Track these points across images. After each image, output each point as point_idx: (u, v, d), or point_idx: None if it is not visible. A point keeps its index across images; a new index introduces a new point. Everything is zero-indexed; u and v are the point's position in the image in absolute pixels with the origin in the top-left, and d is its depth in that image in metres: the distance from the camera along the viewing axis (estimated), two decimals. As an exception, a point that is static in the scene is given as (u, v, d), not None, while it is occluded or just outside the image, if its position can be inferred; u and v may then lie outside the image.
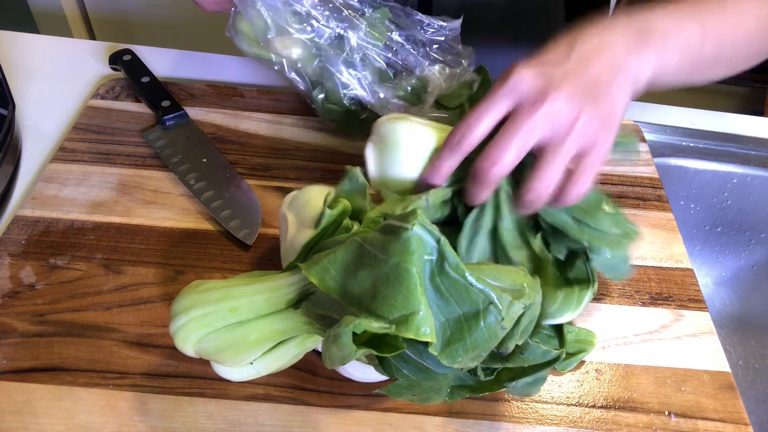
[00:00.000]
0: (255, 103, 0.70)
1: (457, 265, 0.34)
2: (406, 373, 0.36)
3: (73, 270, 0.53)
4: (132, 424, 0.44)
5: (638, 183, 0.65)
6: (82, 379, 0.46)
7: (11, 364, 0.46)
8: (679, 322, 0.53)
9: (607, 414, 0.47)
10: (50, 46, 0.78)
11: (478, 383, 0.41)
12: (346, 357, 0.33)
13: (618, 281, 0.55)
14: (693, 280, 0.56)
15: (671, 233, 0.60)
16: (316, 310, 0.38)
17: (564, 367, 0.49)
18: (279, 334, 0.40)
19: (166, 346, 0.48)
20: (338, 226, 0.40)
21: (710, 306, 0.80)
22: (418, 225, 0.33)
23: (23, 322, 0.49)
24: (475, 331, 0.33)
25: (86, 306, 0.50)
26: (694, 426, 0.47)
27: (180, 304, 0.40)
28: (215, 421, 0.44)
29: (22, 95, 0.70)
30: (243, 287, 0.40)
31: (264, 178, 0.62)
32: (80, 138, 0.64)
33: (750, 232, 0.77)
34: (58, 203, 0.58)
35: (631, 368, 0.50)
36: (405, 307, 0.32)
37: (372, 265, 0.34)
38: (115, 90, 0.70)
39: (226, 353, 0.40)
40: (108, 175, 0.61)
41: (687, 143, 0.73)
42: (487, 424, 0.46)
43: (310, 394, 0.46)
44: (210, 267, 0.54)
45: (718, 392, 0.49)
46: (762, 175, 0.72)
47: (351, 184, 0.43)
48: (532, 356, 0.39)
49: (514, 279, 0.37)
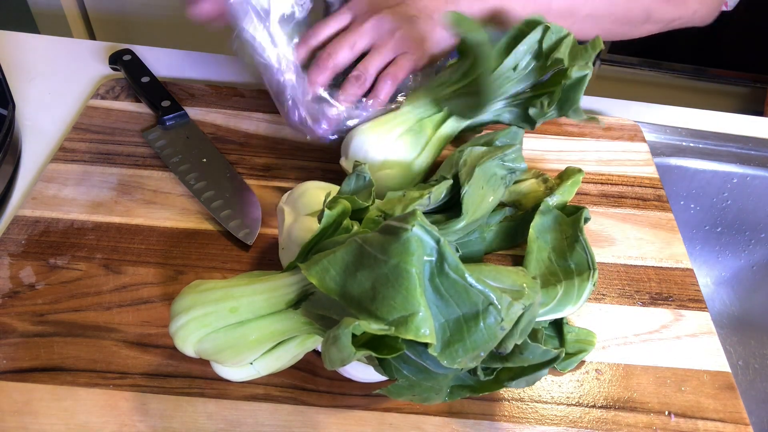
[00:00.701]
0: (255, 103, 0.70)
1: (457, 266, 0.34)
2: (406, 373, 0.36)
3: (73, 270, 0.53)
4: (132, 424, 0.44)
5: (638, 183, 0.65)
6: (82, 379, 0.46)
7: (11, 364, 0.46)
8: (679, 322, 0.53)
9: (607, 414, 0.47)
10: (50, 46, 0.78)
11: (477, 383, 0.41)
12: (345, 359, 0.33)
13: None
14: (693, 280, 0.56)
15: (671, 233, 0.60)
16: (315, 310, 0.38)
17: (564, 367, 0.49)
18: (279, 334, 0.40)
19: (166, 346, 0.48)
20: (338, 226, 0.40)
21: (710, 306, 0.80)
22: (417, 226, 0.33)
23: (23, 322, 0.49)
24: (475, 331, 0.33)
25: (86, 306, 0.50)
26: (694, 426, 0.47)
27: (180, 304, 0.40)
28: (215, 421, 0.44)
29: (22, 95, 0.70)
30: (243, 287, 0.40)
31: (264, 178, 0.62)
32: (80, 138, 0.64)
33: (750, 232, 0.77)
34: (58, 203, 0.58)
35: (631, 368, 0.50)
36: (404, 308, 0.32)
37: (372, 266, 0.34)
38: (115, 90, 0.70)
39: (226, 353, 0.40)
40: (108, 175, 0.61)
41: (687, 143, 0.73)
42: (487, 424, 0.46)
43: (310, 394, 0.46)
44: (210, 267, 0.54)
45: (718, 392, 0.49)
46: (762, 175, 0.72)
47: (357, 182, 0.43)
48: (532, 356, 0.39)
49: (514, 279, 0.37)
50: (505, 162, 0.52)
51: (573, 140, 0.69)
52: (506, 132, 0.55)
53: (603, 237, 0.59)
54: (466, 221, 0.45)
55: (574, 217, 0.52)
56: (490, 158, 0.50)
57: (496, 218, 0.55)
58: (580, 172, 0.56)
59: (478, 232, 0.52)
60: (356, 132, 0.55)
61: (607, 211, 0.62)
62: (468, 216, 0.45)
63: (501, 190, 0.51)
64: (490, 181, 0.49)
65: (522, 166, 0.53)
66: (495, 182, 0.50)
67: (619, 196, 0.64)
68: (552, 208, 0.54)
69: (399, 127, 0.55)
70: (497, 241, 0.55)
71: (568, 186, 0.55)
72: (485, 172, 0.49)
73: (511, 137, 0.55)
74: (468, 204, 0.45)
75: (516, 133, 0.55)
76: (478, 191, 0.47)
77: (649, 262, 0.58)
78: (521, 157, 0.53)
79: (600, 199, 0.63)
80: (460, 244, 0.50)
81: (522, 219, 0.55)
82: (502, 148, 0.52)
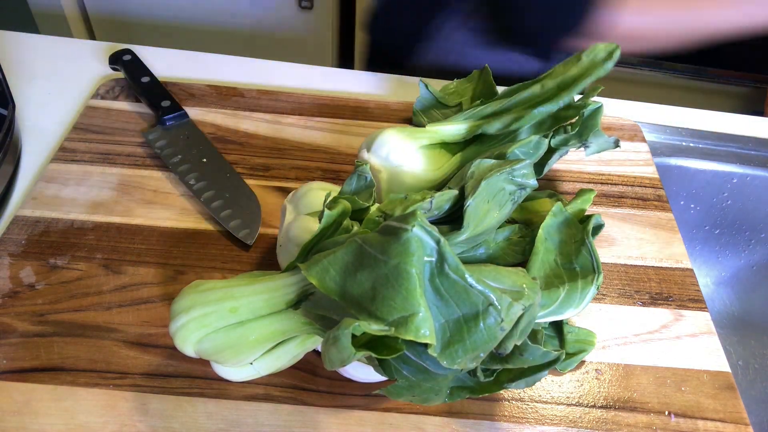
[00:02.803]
0: (255, 103, 0.70)
1: (457, 267, 0.34)
2: (406, 374, 0.36)
3: (73, 270, 0.53)
4: (132, 424, 0.44)
5: (638, 183, 0.65)
6: (82, 379, 0.46)
7: (11, 364, 0.46)
8: (679, 322, 0.53)
9: (607, 414, 0.47)
10: (50, 46, 0.78)
11: (477, 384, 0.41)
12: (345, 359, 0.33)
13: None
14: (693, 280, 0.56)
15: (671, 233, 0.60)
16: (315, 310, 0.38)
17: (564, 367, 0.49)
18: (279, 334, 0.40)
19: (166, 346, 0.48)
20: (338, 226, 0.40)
21: (710, 306, 0.80)
22: (417, 226, 0.33)
23: (23, 322, 0.49)
24: (475, 332, 0.33)
25: (86, 306, 0.50)
26: (694, 426, 0.47)
27: (180, 304, 0.40)
28: (215, 421, 0.44)
29: (22, 95, 0.70)
30: (243, 287, 0.40)
31: (264, 178, 0.62)
32: (80, 138, 0.64)
33: (750, 232, 0.77)
34: (58, 203, 0.58)
35: (631, 368, 0.50)
36: (404, 308, 0.32)
37: (371, 266, 0.34)
38: (115, 90, 0.70)
39: (226, 353, 0.40)
40: (108, 175, 0.61)
41: (687, 143, 0.73)
42: (487, 424, 0.46)
43: (310, 394, 0.46)
44: (210, 267, 0.54)
45: (718, 392, 0.49)
46: (762, 175, 0.72)
47: (359, 182, 0.43)
48: (532, 357, 0.39)
49: (514, 280, 0.37)
50: (514, 177, 0.48)
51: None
52: (527, 142, 0.52)
53: (603, 237, 0.59)
54: (468, 234, 0.44)
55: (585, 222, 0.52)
56: (499, 172, 0.47)
57: (503, 234, 0.53)
58: (592, 192, 0.55)
59: (485, 247, 0.51)
60: (382, 131, 0.55)
61: (607, 211, 0.62)
62: (470, 229, 0.44)
63: (508, 206, 0.49)
64: (496, 197, 0.47)
65: (532, 183, 0.49)
66: (502, 197, 0.48)
67: (619, 196, 0.64)
68: (564, 210, 0.53)
69: (423, 140, 0.55)
70: (504, 257, 0.53)
71: (579, 203, 0.54)
72: (491, 187, 0.46)
73: (534, 147, 0.52)
74: (470, 217, 0.44)
75: (538, 144, 0.52)
76: (482, 205, 0.45)
77: (649, 262, 0.58)
78: (532, 173, 0.49)
79: (600, 199, 0.63)
80: (464, 258, 0.49)
81: (532, 237, 0.53)
82: (512, 163, 0.48)
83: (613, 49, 0.54)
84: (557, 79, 0.55)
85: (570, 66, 0.55)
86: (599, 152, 0.59)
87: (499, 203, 0.47)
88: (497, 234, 0.52)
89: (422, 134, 0.55)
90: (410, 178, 0.54)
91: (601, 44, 0.55)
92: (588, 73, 0.54)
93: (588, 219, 0.51)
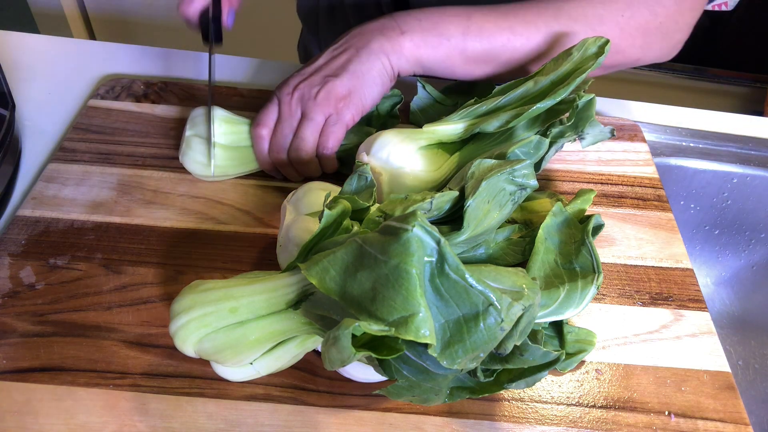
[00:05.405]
0: (255, 103, 0.70)
1: (457, 267, 0.34)
2: (406, 374, 0.36)
3: (73, 270, 0.53)
4: (132, 424, 0.44)
5: (638, 183, 0.65)
6: (82, 379, 0.46)
7: (11, 364, 0.46)
8: (679, 322, 0.53)
9: (607, 414, 0.47)
10: (50, 46, 0.78)
11: (477, 384, 0.41)
12: (345, 359, 0.33)
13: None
14: (693, 280, 0.56)
15: (671, 233, 0.60)
16: (315, 310, 0.38)
17: (564, 367, 0.49)
18: (279, 334, 0.40)
19: (166, 346, 0.48)
20: (338, 226, 0.40)
21: (710, 306, 0.80)
22: (418, 226, 0.33)
23: (23, 322, 0.49)
24: (475, 332, 0.33)
25: (86, 306, 0.50)
26: (694, 426, 0.47)
27: (180, 304, 0.40)
28: (215, 421, 0.44)
29: (22, 95, 0.70)
30: (243, 287, 0.40)
31: (264, 178, 0.62)
32: (80, 138, 0.64)
33: (750, 232, 0.77)
34: (58, 203, 0.58)
35: (631, 368, 0.50)
36: (404, 308, 0.32)
37: (372, 266, 0.34)
38: (115, 90, 0.70)
39: (226, 353, 0.40)
40: (108, 175, 0.61)
41: (687, 143, 0.73)
42: (487, 424, 0.46)
43: (310, 394, 0.46)
44: (210, 267, 0.54)
45: (718, 392, 0.49)
46: (762, 175, 0.72)
47: (359, 182, 0.43)
48: (532, 357, 0.39)
49: (514, 280, 0.37)
50: (514, 178, 0.48)
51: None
52: (527, 142, 0.52)
53: (603, 237, 0.59)
54: (468, 235, 0.44)
55: (585, 222, 0.52)
56: (499, 172, 0.47)
57: (503, 235, 0.53)
58: (592, 192, 0.55)
59: (485, 247, 0.51)
60: (381, 133, 0.55)
61: (607, 211, 0.62)
62: (470, 230, 0.44)
63: (509, 206, 0.49)
64: (496, 197, 0.47)
65: (533, 183, 0.49)
66: (502, 198, 0.48)
67: (619, 196, 0.64)
68: (564, 210, 0.53)
69: (422, 141, 0.55)
70: (504, 257, 0.53)
71: (579, 204, 0.54)
72: (492, 187, 0.46)
73: (534, 147, 0.52)
74: (470, 217, 0.44)
75: (539, 144, 0.52)
76: (482, 206, 0.45)
77: (649, 262, 0.58)
78: (533, 173, 0.49)
79: (600, 199, 0.63)
80: (465, 259, 0.49)
81: (532, 237, 0.53)
82: (512, 163, 0.48)
83: (604, 43, 0.55)
84: (550, 76, 0.55)
85: (561, 62, 0.55)
86: (595, 143, 0.60)
87: (500, 203, 0.47)
88: (497, 234, 0.52)
89: (420, 135, 0.55)
90: (411, 180, 0.54)
91: (591, 38, 0.55)
92: (580, 67, 0.54)
93: (588, 219, 0.51)
